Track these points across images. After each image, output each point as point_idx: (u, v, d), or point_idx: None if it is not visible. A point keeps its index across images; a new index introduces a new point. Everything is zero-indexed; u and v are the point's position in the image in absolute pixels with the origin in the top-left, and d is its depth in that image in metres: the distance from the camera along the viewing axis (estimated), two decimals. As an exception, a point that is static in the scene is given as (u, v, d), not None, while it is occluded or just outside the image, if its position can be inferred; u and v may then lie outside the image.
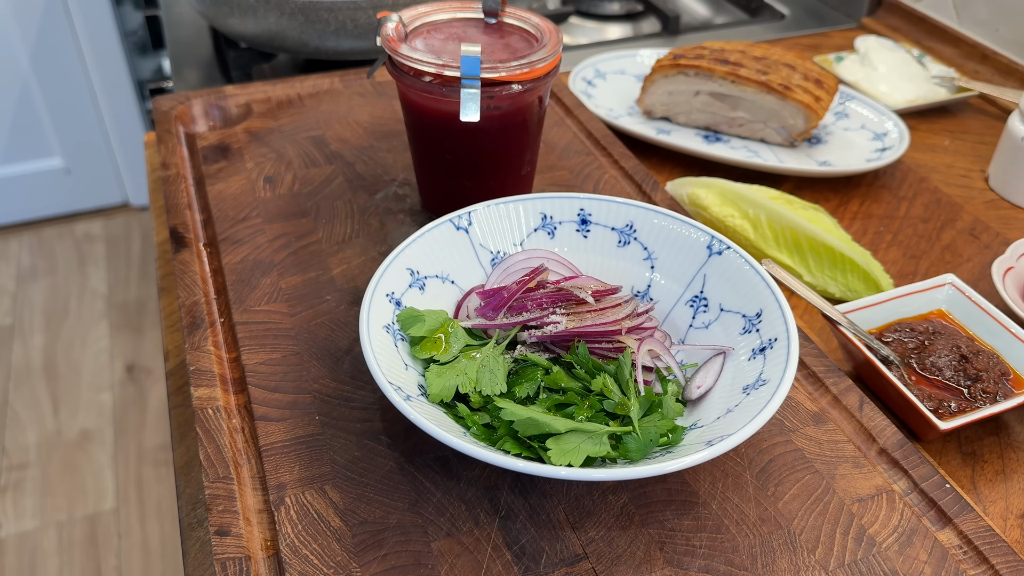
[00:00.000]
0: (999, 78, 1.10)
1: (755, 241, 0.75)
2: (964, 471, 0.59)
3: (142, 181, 2.34)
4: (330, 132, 0.82)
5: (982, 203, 0.88)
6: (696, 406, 0.53)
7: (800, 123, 0.90)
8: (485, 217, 0.61)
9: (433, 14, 0.67)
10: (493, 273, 0.60)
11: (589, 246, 0.62)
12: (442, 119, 0.63)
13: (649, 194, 0.75)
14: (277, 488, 0.49)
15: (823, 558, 0.47)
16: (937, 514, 0.50)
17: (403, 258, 0.56)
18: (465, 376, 0.51)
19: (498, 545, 0.47)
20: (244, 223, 0.70)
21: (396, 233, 0.70)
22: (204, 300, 0.63)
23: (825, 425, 0.55)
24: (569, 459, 0.45)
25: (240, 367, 0.58)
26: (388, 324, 0.53)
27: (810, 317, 0.72)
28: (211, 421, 0.54)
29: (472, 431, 0.49)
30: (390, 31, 0.63)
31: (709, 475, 0.51)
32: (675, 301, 0.59)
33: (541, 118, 0.66)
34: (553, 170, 0.78)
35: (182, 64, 1.15)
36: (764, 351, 0.52)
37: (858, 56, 1.10)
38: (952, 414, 0.59)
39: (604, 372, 0.52)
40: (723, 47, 0.95)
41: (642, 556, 0.47)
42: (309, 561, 0.46)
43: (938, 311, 0.68)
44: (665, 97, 0.95)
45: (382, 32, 0.63)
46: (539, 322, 0.55)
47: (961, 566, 0.47)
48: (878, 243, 0.82)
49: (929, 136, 0.99)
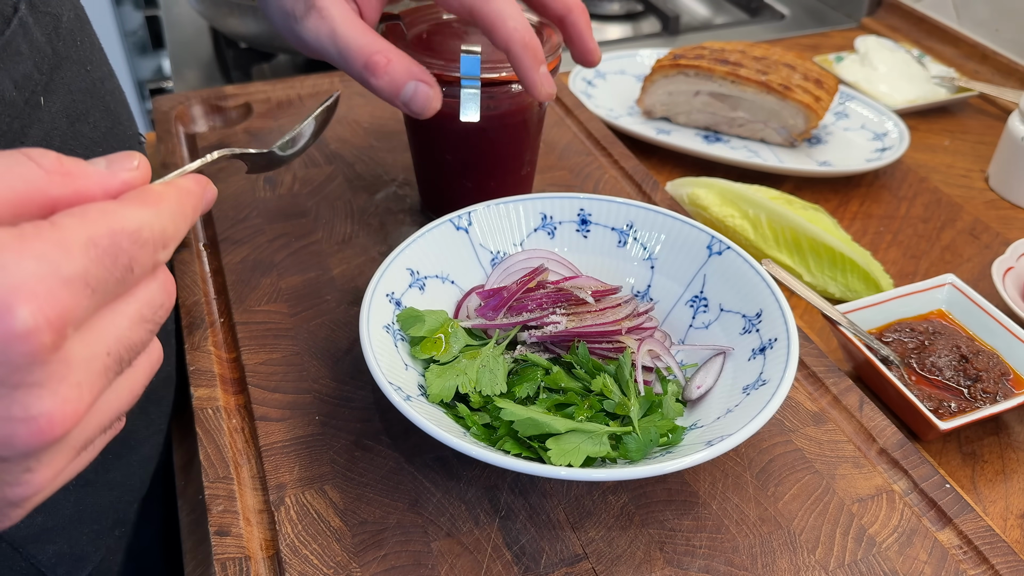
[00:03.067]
0: (999, 78, 1.10)
1: (755, 241, 0.75)
2: (964, 471, 0.59)
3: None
4: (330, 132, 0.82)
5: (982, 203, 0.88)
6: (696, 406, 0.53)
7: (800, 123, 0.90)
8: (485, 217, 0.61)
9: (433, 14, 0.67)
10: (493, 273, 0.60)
11: (589, 246, 0.62)
12: (442, 119, 0.62)
13: (649, 194, 0.75)
14: (277, 488, 0.49)
15: (823, 558, 0.47)
16: (937, 514, 0.50)
17: (403, 258, 0.56)
18: (465, 376, 0.51)
19: (498, 545, 0.47)
20: (244, 223, 0.70)
21: (396, 233, 0.70)
22: (204, 300, 0.63)
23: (825, 425, 0.55)
24: (569, 459, 0.45)
25: (240, 367, 0.58)
26: (388, 324, 0.53)
27: (810, 317, 0.72)
28: (211, 421, 0.54)
29: (472, 431, 0.49)
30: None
31: (709, 475, 0.51)
32: (675, 301, 0.59)
33: (541, 118, 0.66)
34: (553, 170, 0.78)
35: (182, 64, 1.16)
36: (764, 351, 0.52)
37: (858, 56, 1.10)
38: (952, 414, 0.59)
39: (604, 372, 0.52)
40: (723, 47, 0.95)
41: (642, 556, 0.47)
42: (309, 561, 0.46)
43: (938, 311, 0.68)
44: (665, 97, 0.96)
45: (381, 32, 0.63)
46: (539, 322, 0.55)
47: (961, 566, 0.47)
48: (878, 243, 0.82)
49: (929, 136, 0.99)
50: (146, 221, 0.30)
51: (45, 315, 0.26)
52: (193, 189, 0.34)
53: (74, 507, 0.53)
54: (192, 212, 0.34)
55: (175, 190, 0.33)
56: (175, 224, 0.32)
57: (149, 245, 0.30)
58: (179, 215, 0.32)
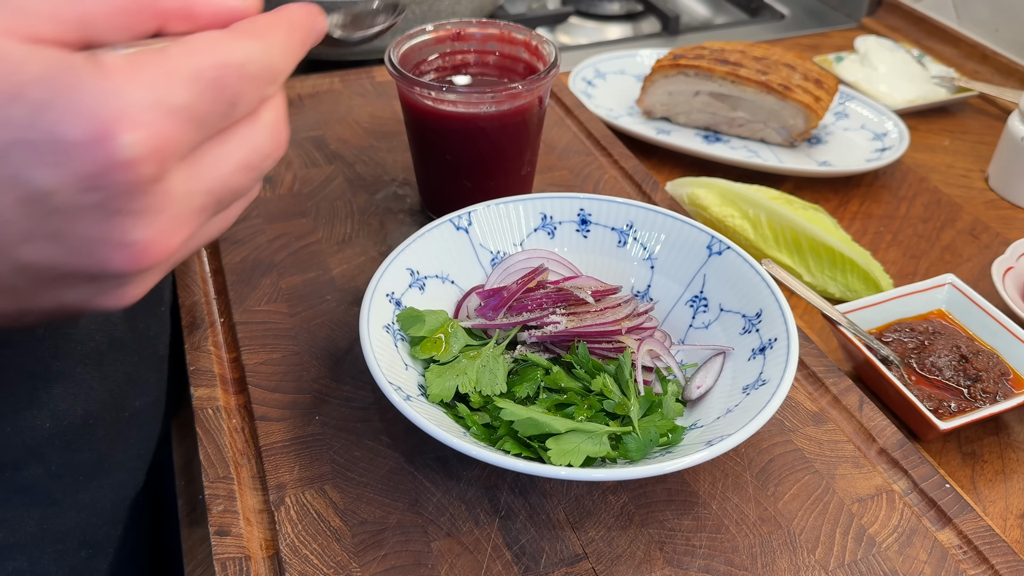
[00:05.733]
0: (999, 78, 1.10)
1: (755, 241, 0.75)
2: (964, 471, 0.59)
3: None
4: (330, 132, 0.82)
5: (982, 203, 0.88)
6: (696, 406, 0.53)
7: (800, 123, 0.90)
8: (485, 217, 0.61)
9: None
10: (493, 273, 0.60)
11: (589, 246, 0.62)
12: (442, 119, 0.63)
13: (649, 194, 0.75)
14: (277, 488, 0.49)
15: (823, 558, 0.47)
16: (937, 514, 0.50)
17: (403, 258, 0.56)
18: (465, 376, 0.51)
19: (498, 545, 0.47)
20: (244, 223, 0.70)
21: (396, 233, 0.70)
22: (204, 300, 0.63)
23: (825, 425, 0.55)
24: (569, 459, 0.45)
25: (240, 367, 0.58)
26: (388, 324, 0.53)
27: (810, 317, 0.72)
28: (211, 421, 0.54)
29: (472, 431, 0.49)
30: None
31: (709, 475, 0.51)
32: (675, 301, 0.59)
33: (541, 118, 0.66)
34: (553, 170, 0.78)
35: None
36: (764, 351, 0.52)
37: (858, 56, 1.10)
38: (952, 414, 0.59)
39: (604, 372, 0.52)
40: (723, 47, 0.95)
41: (642, 556, 0.47)
42: (309, 561, 0.46)
43: (938, 311, 0.68)
44: (665, 97, 0.96)
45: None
46: (539, 322, 0.55)
47: (961, 566, 0.47)
48: (878, 243, 0.82)
49: (929, 136, 0.99)
50: (254, 55, 0.29)
51: (149, 145, 0.26)
52: (302, 22, 0.33)
53: (37, 525, 0.52)
54: (300, 47, 0.33)
55: (285, 22, 0.32)
56: (283, 58, 0.31)
57: (256, 80, 0.30)
58: (287, 49, 0.31)
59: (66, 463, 0.53)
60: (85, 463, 0.54)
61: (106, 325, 0.55)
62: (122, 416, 0.57)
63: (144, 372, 0.59)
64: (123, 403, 0.57)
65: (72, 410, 0.52)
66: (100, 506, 0.57)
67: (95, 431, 0.54)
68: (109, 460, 0.56)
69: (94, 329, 0.54)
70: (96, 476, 0.55)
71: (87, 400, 0.53)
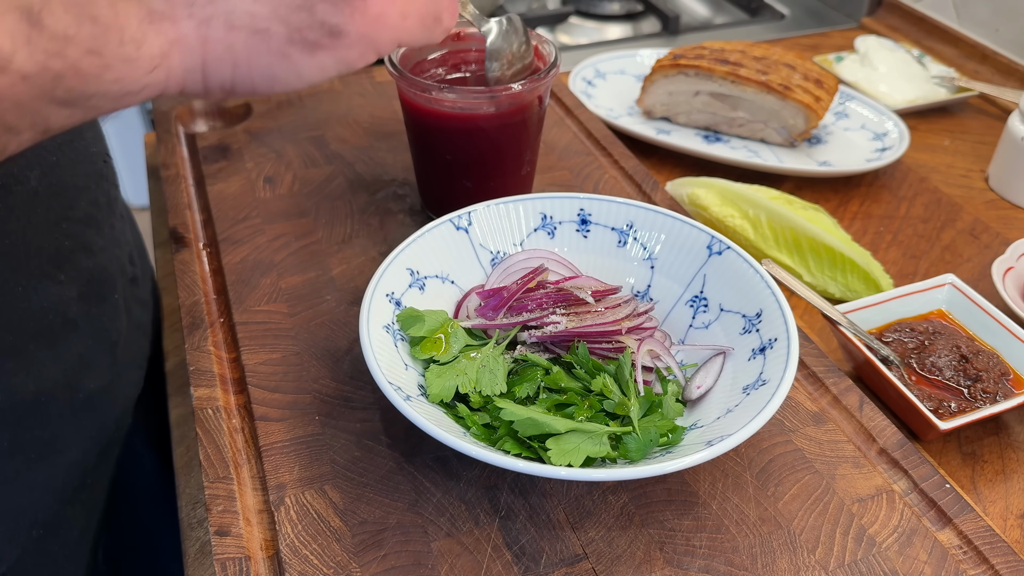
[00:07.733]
0: (999, 78, 1.10)
1: (755, 241, 0.75)
2: (964, 471, 0.59)
3: (142, 181, 2.33)
4: (330, 132, 0.82)
5: (982, 203, 0.88)
6: (696, 406, 0.53)
7: (800, 123, 0.90)
8: (485, 217, 0.61)
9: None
10: (493, 273, 0.60)
11: (589, 246, 0.62)
12: (442, 119, 0.63)
13: (649, 194, 0.75)
14: (277, 488, 0.49)
15: (823, 558, 0.47)
16: (937, 514, 0.50)
17: (403, 258, 0.56)
18: (465, 376, 0.51)
19: (498, 545, 0.47)
20: (244, 223, 0.70)
21: (396, 233, 0.70)
22: (204, 300, 0.63)
23: (825, 425, 0.55)
24: (569, 459, 0.45)
25: (240, 367, 0.58)
26: (388, 324, 0.53)
27: (810, 317, 0.72)
28: (211, 421, 0.54)
29: (472, 431, 0.49)
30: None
31: (709, 475, 0.51)
32: (675, 301, 0.59)
33: (541, 118, 0.66)
34: (553, 170, 0.78)
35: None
36: (764, 351, 0.52)
37: (858, 56, 1.10)
38: (952, 414, 0.59)
39: (604, 372, 0.52)
40: (723, 47, 0.95)
41: (642, 556, 0.47)
42: (309, 561, 0.46)
43: (938, 311, 0.68)
44: (665, 97, 0.95)
45: None
46: (539, 322, 0.55)
47: (961, 566, 0.47)
48: (878, 243, 0.82)
49: (929, 136, 0.99)
50: None
51: None
52: None
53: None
54: None
55: None
56: None
57: None
58: None
59: (17, 440, 0.53)
60: (36, 441, 0.55)
61: (59, 305, 0.55)
62: (76, 397, 0.58)
63: (97, 356, 0.60)
64: (76, 384, 0.57)
65: (24, 386, 0.53)
66: (53, 485, 0.57)
67: (48, 409, 0.55)
68: (62, 440, 0.57)
69: (47, 307, 0.54)
70: (48, 455, 0.56)
71: (39, 378, 0.54)
